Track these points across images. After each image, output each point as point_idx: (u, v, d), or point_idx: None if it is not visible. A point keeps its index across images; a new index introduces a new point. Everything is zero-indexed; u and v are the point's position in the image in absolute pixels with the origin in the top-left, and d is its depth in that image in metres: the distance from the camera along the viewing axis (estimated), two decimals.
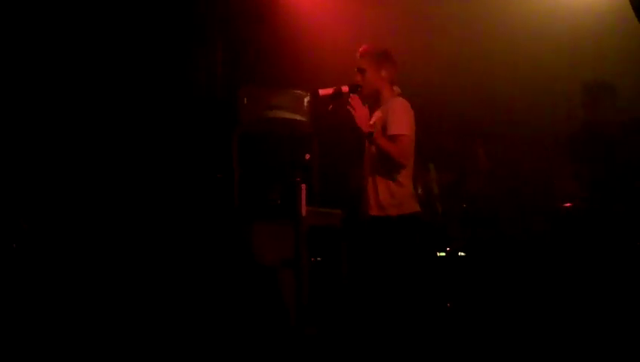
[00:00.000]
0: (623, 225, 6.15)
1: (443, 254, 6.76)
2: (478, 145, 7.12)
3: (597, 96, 6.45)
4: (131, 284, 6.31)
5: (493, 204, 6.99)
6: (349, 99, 5.18)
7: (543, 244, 6.58)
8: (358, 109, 5.17)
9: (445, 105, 7.30)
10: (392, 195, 5.32)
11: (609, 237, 6.15)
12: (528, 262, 6.59)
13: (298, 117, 7.02)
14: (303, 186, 5.32)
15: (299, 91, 7.05)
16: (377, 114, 5.38)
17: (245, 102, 6.89)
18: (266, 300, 6.11)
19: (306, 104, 7.01)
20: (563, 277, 6.27)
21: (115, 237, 6.61)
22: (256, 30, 7.61)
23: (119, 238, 6.60)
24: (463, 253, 6.78)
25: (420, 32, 7.36)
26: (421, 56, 7.13)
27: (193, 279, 6.31)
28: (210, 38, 7.54)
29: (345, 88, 5.34)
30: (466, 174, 7.13)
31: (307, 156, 5.54)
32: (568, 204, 6.47)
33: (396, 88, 5.47)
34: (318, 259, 6.57)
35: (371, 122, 5.27)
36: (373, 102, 5.44)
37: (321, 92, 5.36)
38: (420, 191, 6.46)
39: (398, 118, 5.28)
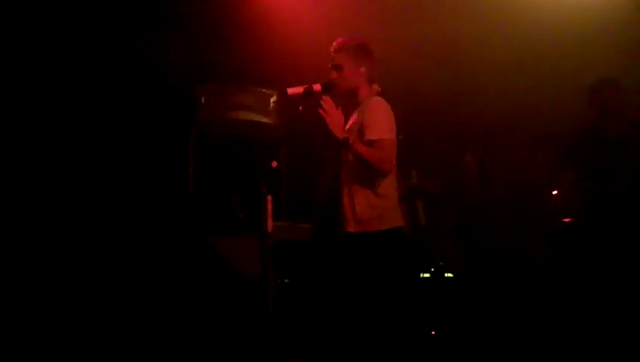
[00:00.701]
0: (628, 243, 6.01)
1: (427, 275, 6.54)
2: (465, 149, 7.04)
3: (605, 95, 6.27)
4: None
5: (485, 217, 6.83)
6: (321, 101, 4.92)
7: (541, 264, 6.46)
8: (331, 112, 4.91)
9: (429, 103, 7.07)
10: (372, 208, 5.03)
11: (613, 257, 6.02)
12: (524, 285, 6.43)
13: (264, 119, 6.82)
14: (269, 197, 5.02)
15: (265, 90, 6.84)
16: (354, 116, 5.13)
17: (203, 101, 6.67)
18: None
19: (272, 104, 6.83)
20: (562, 302, 6.17)
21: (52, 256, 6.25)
22: (215, 19, 7.22)
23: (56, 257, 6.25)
24: (449, 274, 6.56)
25: (404, 23, 7.14)
26: (402, 50, 6.87)
27: (143, 300, 6.16)
28: (163, 27, 7.12)
29: (317, 87, 5.03)
30: (453, 183, 6.97)
31: (274, 163, 5.11)
32: (567, 219, 6.37)
33: (375, 87, 5.20)
34: (286, 280, 6.37)
35: (347, 126, 5.03)
36: (349, 102, 5.17)
37: (290, 91, 5.03)
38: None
39: (377, 120, 4.99)
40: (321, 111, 4.91)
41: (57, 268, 6.16)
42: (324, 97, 4.96)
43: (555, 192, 6.52)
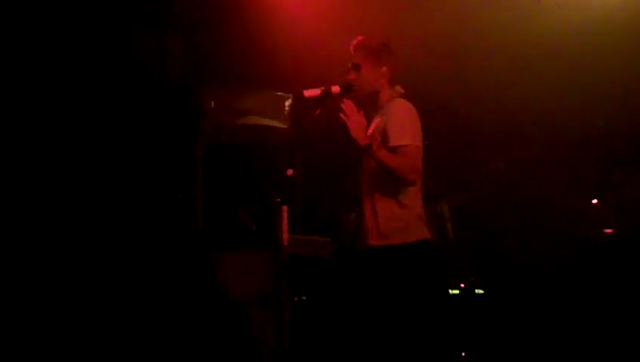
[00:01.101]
0: None
1: (456, 292, 6.46)
2: (495, 158, 7.06)
3: None
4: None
5: (516, 229, 6.81)
6: (341, 104, 4.76)
7: (576, 279, 6.39)
8: (353, 116, 4.74)
9: (456, 108, 7.05)
10: (396, 219, 4.88)
11: None
12: (559, 302, 6.37)
13: (277, 124, 6.73)
14: (284, 208, 4.96)
15: (278, 93, 6.77)
16: (376, 120, 4.99)
17: (212, 105, 6.57)
18: (236, 346, 6.05)
19: (287, 108, 6.75)
20: (598, 319, 6.15)
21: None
22: (225, 17, 7.13)
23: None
24: (480, 291, 6.47)
25: (425, 21, 6.99)
26: (425, 50, 6.82)
27: (147, 320, 6.08)
28: (167, 26, 7.05)
29: (336, 89, 4.89)
30: (482, 193, 6.97)
31: (289, 172, 5.14)
32: (609, 231, 6.41)
33: (398, 88, 5.03)
34: (303, 297, 6.29)
35: (369, 131, 4.87)
36: (370, 105, 5.01)
37: (307, 93, 4.87)
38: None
39: (402, 124, 4.84)
40: (341, 115, 4.75)
41: (62, 283, 6.13)
42: (344, 100, 4.84)
43: (594, 201, 6.55)
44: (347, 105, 4.76)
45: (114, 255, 6.33)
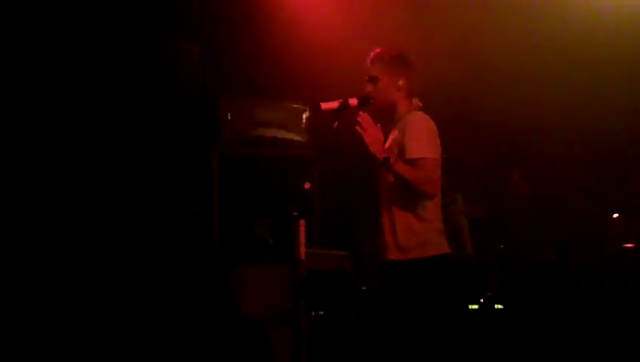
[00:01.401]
0: None
1: (476, 307, 6.49)
2: (513, 169, 6.98)
3: None
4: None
5: (535, 243, 6.75)
6: (358, 118, 4.75)
7: (600, 295, 6.31)
8: (369, 130, 4.71)
9: (471, 119, 6.99)
10: (415, 233, 4.84)
11: None
12: (582, 318, 6.30)
13: (295, 136, 6.69)
14: (302, 222, 4.92)
15: (296, 104, 6.72)
16: (393, 133, 4.93)
17: (229, 116, 6.54)
18: None
19: (304, 120, 6.71)
20: (623, 336, 6.06)
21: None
22: (242, 28, 7.08)
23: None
24: (500, 306, 6.50)
25: (443, 29, 6.97)
26: (440, 59, 6.70)
27: (161, 339, 6.02)
28: (185, 36, 6.92)
29: (353, 101, 4.87)
30: (500, 206, 6.89)
31: (306, 185, 5.10)
32: (630, 245, 6.33)
33: (416, 101, 5.00)
34: (320, 312, 6.32)
35: (386, 144, 4.83)
36: (387, 118, 4.99)
37: (324, 106, 4.86)
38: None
39: (419, 137, 4.81)
40: (357, 128, 4.73)
41: (74, 300, 6.10)
42: (360, 113, 4.81)
43: (615, 215, 6.50)
44: (364, 118, 4.73)
45: (127, 270, 6.30)
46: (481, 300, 6.48)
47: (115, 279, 6.24)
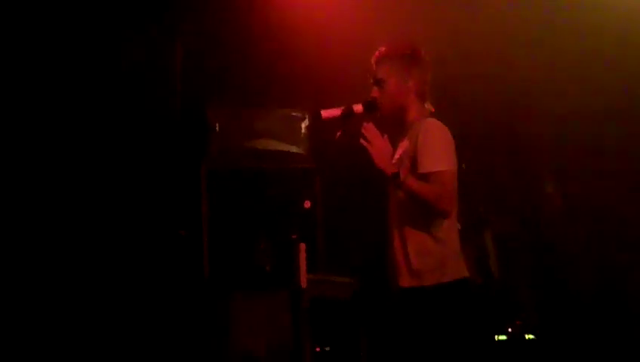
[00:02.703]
0: None
1: (504, 337, 6.38)
2: (547, 182, 6.94)
3: None
4: None
5: (572, 263, 6.69)
6: (363, 129, 4.47)
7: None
8: (376, 142, 4.41)
9: (499, 127, 6.91)
10: (430, 256, 4.52)
11: None
12: (619, 346, 6.23)
13: (292, 148, 6.59)
14: (302, 246, 4.87)
15: (293, 112, 6.63)
16: (403, 143, 4.65)
17: (217, 127, 6.43)
18: None
19: (303, 130, 6.60)
20: None
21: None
22: (230, 28, 6.81)
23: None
24: (531, 336, 6.39)
25: (458, 29, 6.69)
26: (459, 60, 6.53)
27: None
28: (165, 39, 6.74)
29: (358, 107, 4.56)
30: (531, 222, 6.87)
31: (307, 203, 4.99)
32: None
33: (428, 105, 4.68)
34: (326, 348, 6.23)
35: (396, 156, 4.57)
36: (396, 125, 4.68)
37: (325, 114, 4.55)
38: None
39: (433, 147, 4.49)
40: (362, 141, 4.47)
41: (65, 336, 6.02)
42: (365, 124, 4.53)
43: None
44: (368, 129, 4.46)
45: (109, 306, 6.17)
46: (509, 329, 6.42)
47: (97, 317, 6.15)
